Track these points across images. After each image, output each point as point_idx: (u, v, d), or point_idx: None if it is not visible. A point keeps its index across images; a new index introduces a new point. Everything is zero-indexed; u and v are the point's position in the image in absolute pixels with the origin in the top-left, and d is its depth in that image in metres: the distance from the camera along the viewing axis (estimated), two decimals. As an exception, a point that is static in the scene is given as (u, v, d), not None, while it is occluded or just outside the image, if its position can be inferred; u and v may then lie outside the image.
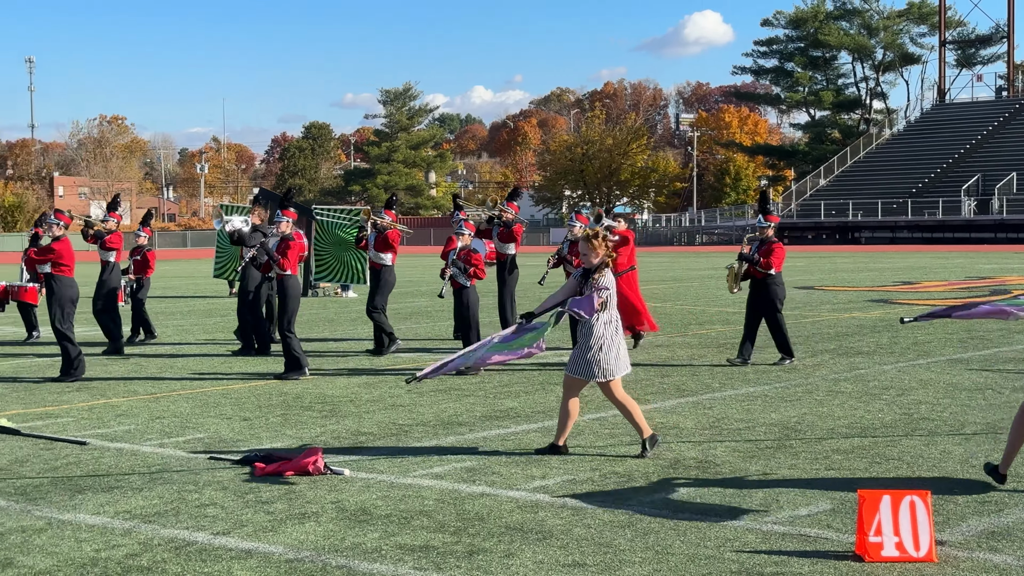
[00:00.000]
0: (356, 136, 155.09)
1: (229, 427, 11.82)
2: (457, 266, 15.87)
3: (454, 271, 15.83)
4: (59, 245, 15.28)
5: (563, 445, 10.28)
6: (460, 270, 15.86)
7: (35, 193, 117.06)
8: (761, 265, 15.68)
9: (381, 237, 18.13)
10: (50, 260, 15.25)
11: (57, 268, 15.24)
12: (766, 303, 15.87)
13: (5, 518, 8.21)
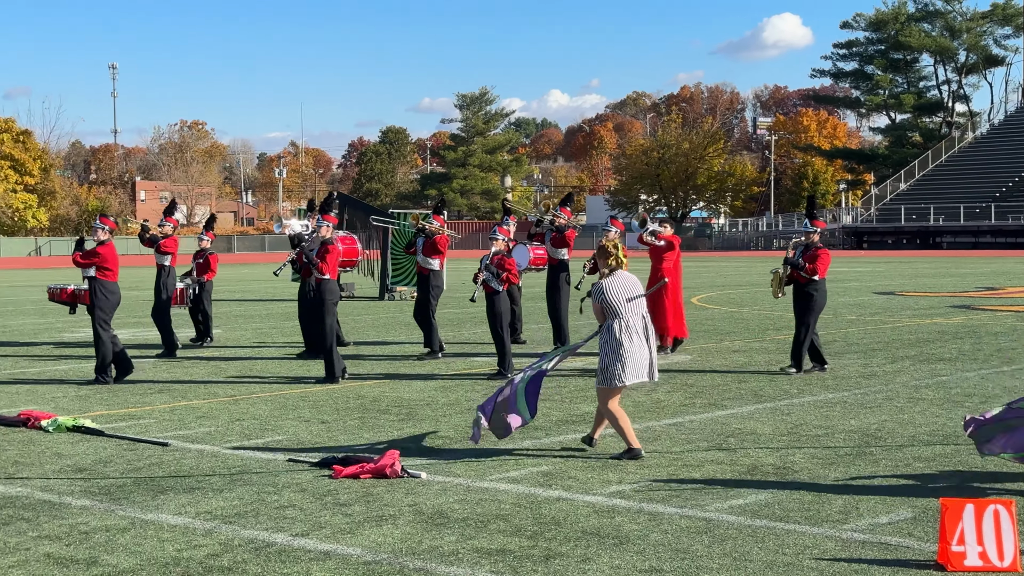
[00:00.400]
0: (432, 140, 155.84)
1: (307, 429, 11.93)
2: (490, 271, 15.88)
3: (487, 276, 15.86)
4: (104, 249, 15.63)
5: (637, 447, 10.27)
6: (493, 275, 15.86)
7: (117, 197, 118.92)
8: (806, 271, 15.48)
9: (429, 242, 18.26)
10: (94, 264, 15.56)
11: (101, 272, 15.55)
12: (803, 309, 15.66)
13: (90, 517, 8.35)
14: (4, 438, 11.44)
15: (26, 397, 14.26)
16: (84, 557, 7.35)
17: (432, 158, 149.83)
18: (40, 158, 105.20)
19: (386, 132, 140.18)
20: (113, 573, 7.03)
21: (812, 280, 15.47)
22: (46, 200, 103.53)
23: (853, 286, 37.12)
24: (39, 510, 8.57)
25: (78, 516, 8.38)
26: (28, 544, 7.66)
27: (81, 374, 16.38)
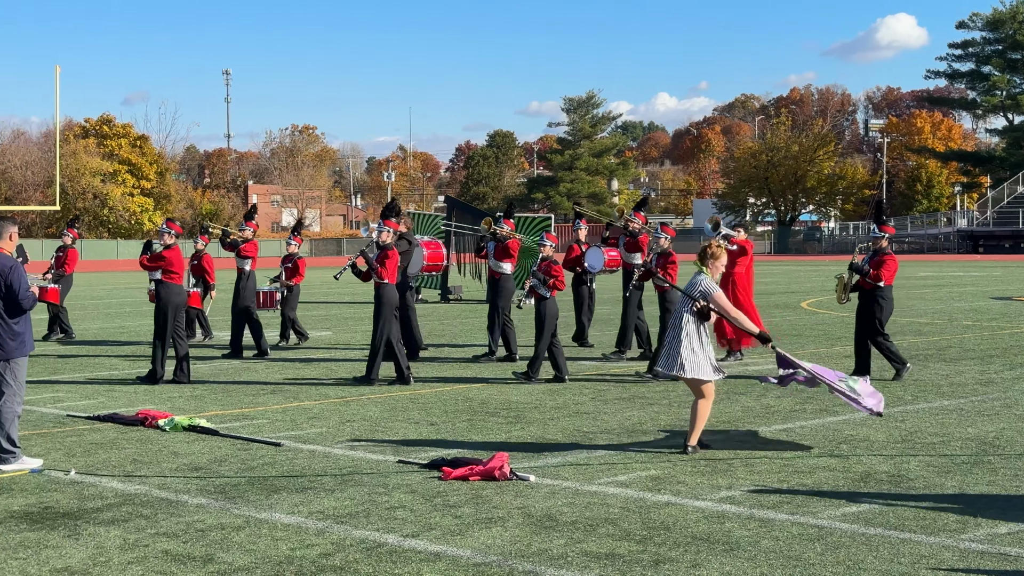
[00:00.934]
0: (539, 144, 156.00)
1: (417, 431, 12.02)
2: (537, 277, 15.82)
3: (534, 282, 15.79)
4: (170, 253, 16.00)
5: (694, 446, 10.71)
6: (540, 281, 15.77)
7: (230, 201, 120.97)
8: (871, 277, 15.18)
9: (501, 246, 18.29)
10: (161, 267, 15.87)
11: (167, 275, 15.88)
12: (869, 317, 15.35)
13: (206, 515, 8.51)
14: (123, 437, 11.71)
15: (143, 397, 14.58)
16: (200, 554, 7.49)
17: (539, 162, 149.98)
18: (156, 162, 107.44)
19: (493, 136, 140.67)
20: (228, 571, 7.16)
21: (877, 286, 15.19)
22: (162, 203, 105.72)
23: (969, 291, 36.37)
24: (157, 507, 8.76)
25: (194, 514, 8.54)
26: (146, 541, 7.82)
27: (196, 375, 16.69)
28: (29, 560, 7.40)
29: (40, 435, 11.84)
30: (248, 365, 17.81)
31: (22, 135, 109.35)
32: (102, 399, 14.37)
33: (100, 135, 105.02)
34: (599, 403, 13.77)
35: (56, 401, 14.22)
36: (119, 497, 9.11)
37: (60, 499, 9.06)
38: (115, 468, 10.20)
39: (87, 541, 7.83)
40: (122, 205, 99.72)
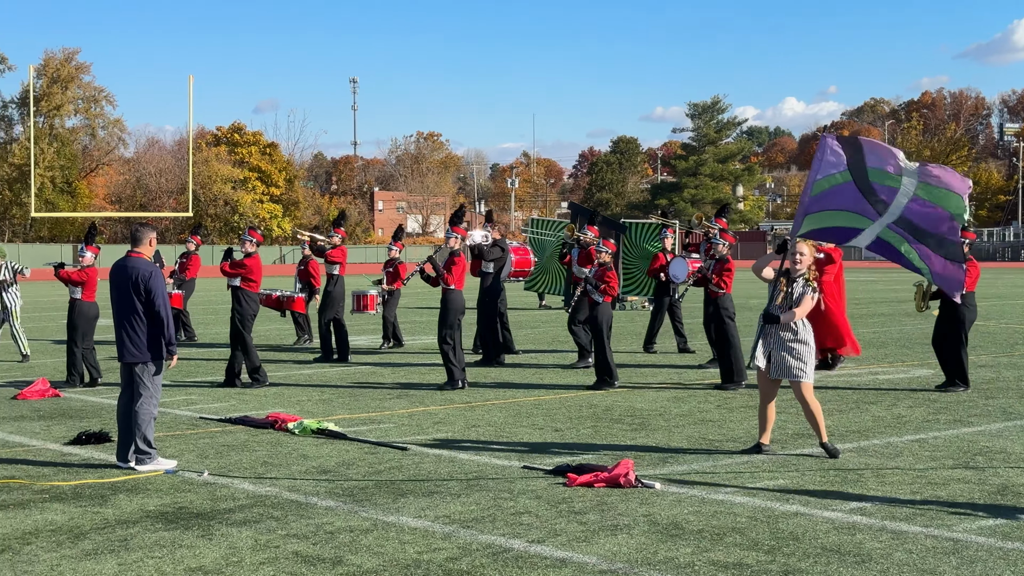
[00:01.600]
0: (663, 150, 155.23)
1: (541, 437, 12.03)
2: (590, 283, 15.79)
3: (588, 288, 15.76)
4: (250, 261, 16.29)
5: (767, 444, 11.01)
6: (593, 287, 15.74)
7: (357, 207, 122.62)
8: None
9: (584, 253, 18.23)
10: (240, 275, 16.12)
11: (246, 283, 16.14)
12: (952, 324, 14.89)
13: (334, 518, 8.63)
14: (253, 439, 11.93)
15: (274, 400, 14.83)
16: (330, 556, 7.59)
17: (663, 168, 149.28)
18: (285, 169, 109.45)
19: (617, 142, 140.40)
20: (357, 573, 7.24)
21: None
22: (290, 210, 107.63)
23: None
24: (287, 509, 8.90)
25: (323, 516, 8.66)
26: (277, 542, 7.96)
27: (324, 379, 16.95)
28: (164, 559, 7.57)
29: (174, 437, 12.12)
30: (375, 370, 18.01)
31: (157, 143, 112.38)
32: (233, 402, 14.65)
33: (231, 143, 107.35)
34: (724, 411, 13.64)
35: (189, 404, 14.54)
36: (251, 498, 9.27)
37: (194, 500, 9.25)
38: (246, 470, 10.39)
39: (220, 541, 7.99)
40: (252, 211, 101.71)
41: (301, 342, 21.95)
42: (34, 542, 8.00)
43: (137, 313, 10.49)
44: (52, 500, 9.26)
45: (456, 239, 16.02)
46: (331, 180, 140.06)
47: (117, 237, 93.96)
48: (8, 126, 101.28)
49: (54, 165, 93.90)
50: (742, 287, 42.66)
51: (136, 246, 10.82)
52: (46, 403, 14.72)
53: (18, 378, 17.21)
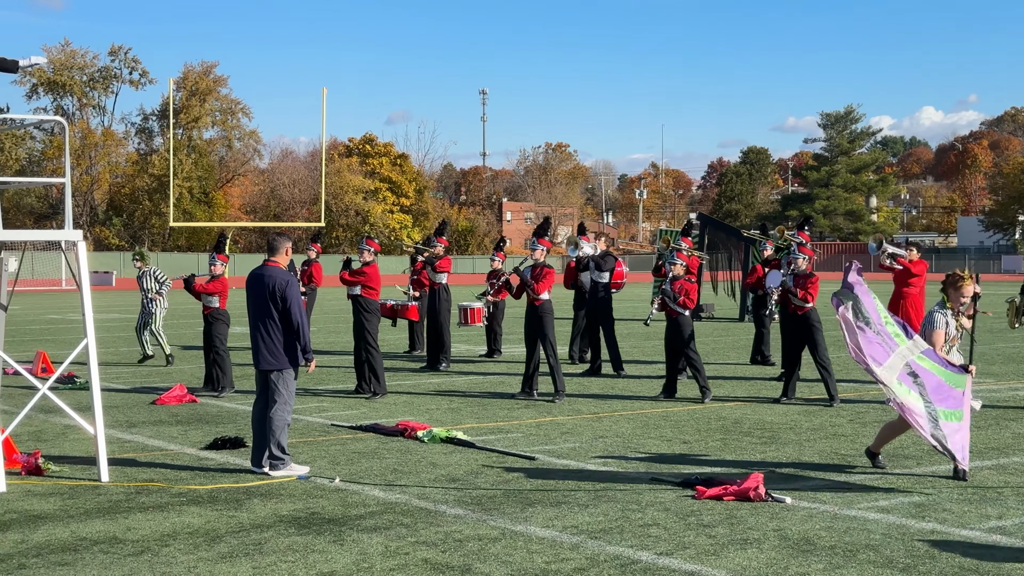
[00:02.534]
0: (794, 160, 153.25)
1: (670, 448, 11.96)
2: (667, 294, 15.69)
3: (665, 299, 15.71)
4: (369, 269, 16.44)
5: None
6: (670, 299, 15.65)
7: (485, 218, 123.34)
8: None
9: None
10: (360, 283, 16.22)
11: (366, 291, 16.28)
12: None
13: (463, 526, 8.68)
14: (383, 447, 12.07)
15: (403, 408, 14.99)
16: (458, 564, 7.65)
17: (794, 178, 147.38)
18: (415, 180, 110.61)
19: (747, 152, 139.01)
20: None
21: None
22: (419, 220, 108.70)
23: None
24: (416, 517, 8.98)
25: (452, 524, 8.73)
26: (407, 549, 8.04)
27: (453, 387, 17.08)
28: (297, 563, 7.70)
29: (307, 443, 12.32)
30: (503, 380, 18.09)
31: (290, 154, 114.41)
32: (364, 409, 14.84)
33: (363, 154, 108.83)
34: (857, 425, 13.41)
35: (321, 411, 14.77)
36: (381, 505, 9.38)
37: (325, 505, 9.40)
38: (377, 477, 10.52)
39: (351, 547, 8.10)
40: (382, 222, 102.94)
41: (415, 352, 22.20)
42: (172, 544, 8.20)
43: (273, 321, 10.70)
44: (189, 503, 9.48)
45: (542, 251, 16.06)
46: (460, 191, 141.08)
47: (251, 246, 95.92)
48: (149, 138, 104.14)
49: (192, 176, 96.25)
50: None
51: (272, 255, 11.03)
52: (183, 408, 15.08)
53: (156, 384, 17.66)
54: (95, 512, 9.19)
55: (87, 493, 9.91)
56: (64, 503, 9.53)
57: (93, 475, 10.55)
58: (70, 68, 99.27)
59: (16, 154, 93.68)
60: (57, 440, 12.64)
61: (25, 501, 9.59)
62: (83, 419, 10.94)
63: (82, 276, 10.81)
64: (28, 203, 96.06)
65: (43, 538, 8.38)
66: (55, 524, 8.80)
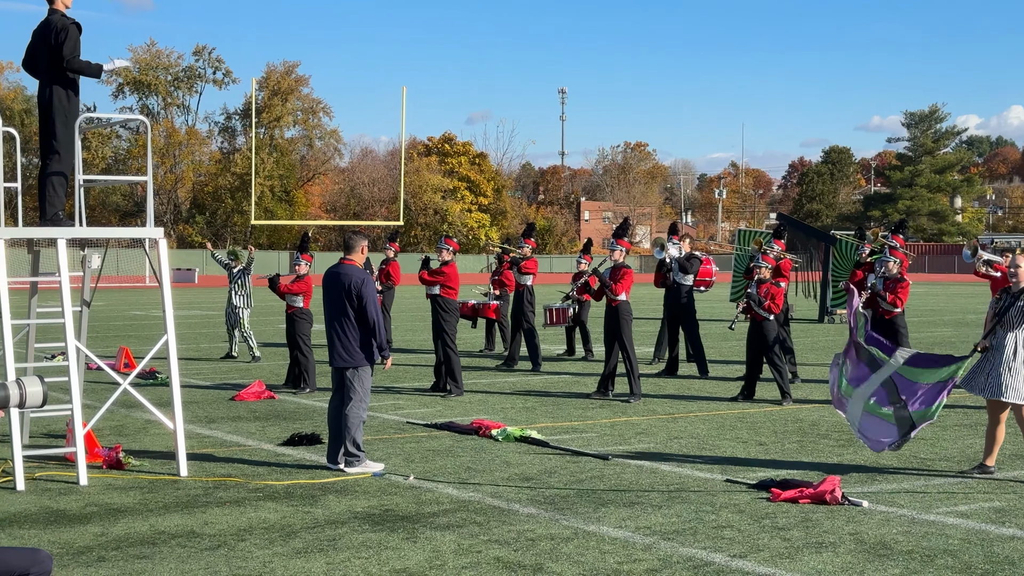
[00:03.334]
0: (877, 160, 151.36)
1: (745, 450, 11.88)
2: (752, 298, 15.52)
3: (751, 303, 15.56)
4: (448, 269, 16.45)
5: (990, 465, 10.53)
6: (756, 303, 15.49)
7: (563, 217, 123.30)
8: None
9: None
10: (439, 283, 16.22)
11: (445, 290, 16.29)
12: None
13: (536, 525, 8.69)
14: (458, 445, 12.11)
15: (478, 407, 15.03)
16: (530, 563, 7.65)
17: (876, 178, 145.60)
18: (493, 179, 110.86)
19: (828, 152, 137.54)
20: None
21: None
22: (498, 219, 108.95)
23: None
24: (489, 515, 9.00)
25: (525, 523, 8.74)
26: (479, 547, 8.06)
27: (528, 387, 17.09)
28: (370, 560, 7.76)
29: (382, 440, 12.40)
30: (578, 379, 18.07)
31: (370, 153, 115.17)
32: (439, 407, 14.91)
33: (441, 153, 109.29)
34: (938, 429, 13.21)
35: (397, 408, 14.86)
36: (454, 503, 9.42)
37: (399, 502, 9.45)
38: (450, 475, 10.56)
39: (424, 544, 8.14)
40: (460, 221, 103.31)
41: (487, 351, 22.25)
42: (248, 539, 8.30)
43: (349, 318, 10.78)
44: (265, 499, 9.59)
45: (621, 251, 15.98)
46: (538, 190, 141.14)
47: (331, 245, 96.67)
48: (231, 137, 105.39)
49: (273, 174, 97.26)
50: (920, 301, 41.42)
51: (349, 253, 11.12)
52: (261, 404, 15.25)
53: (236, 380, 17.88)
54: (173, 506, 9.33)
55: (166, 487, 10.06)
56: (143, 497, 9.68)
57: (172, 470, 10.71)
58: (155, 68, 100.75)
59: (102, 152, 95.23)
60: (138, 435, 12.84)
61: (106, 494, 9.76)
62: (163, 414, 11.11)
63: (163, 273, 10.98)
64: (114, 201, 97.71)
65: (122, 531, 8.52)
66: (134, 518, 8.95)
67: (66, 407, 10.67)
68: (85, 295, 12.19)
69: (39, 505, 9.36)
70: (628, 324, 15.67)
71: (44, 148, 10.98)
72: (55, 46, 10.69)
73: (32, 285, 11.81)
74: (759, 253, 16.72)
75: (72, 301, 10.64)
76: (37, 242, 11.66)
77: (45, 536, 8.37)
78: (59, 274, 10.55)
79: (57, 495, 9.73)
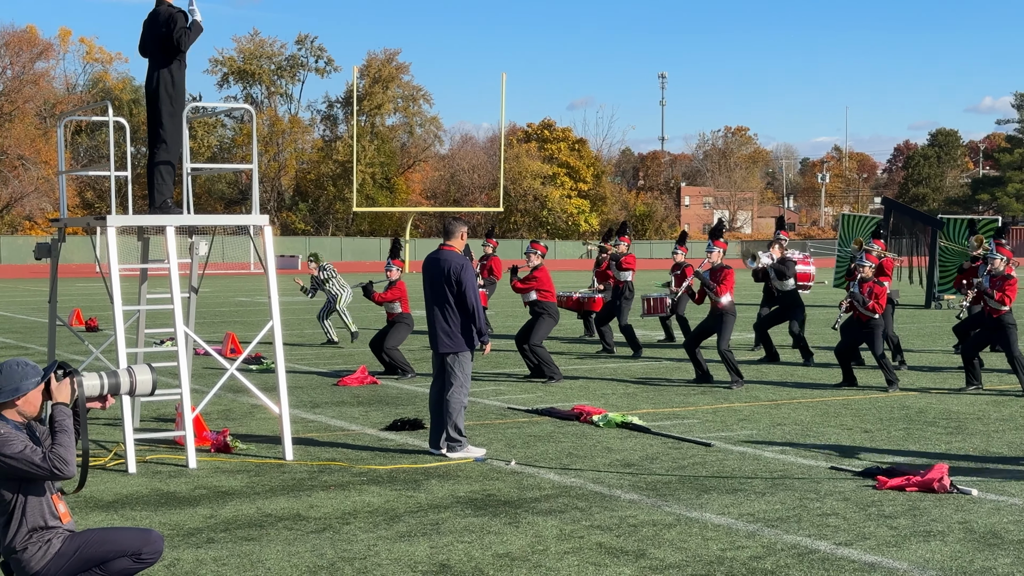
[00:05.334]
0: (986, 143, 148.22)
1: (850, 437, 11.73)
2: (855, 297, 15.30)
3: (855, 303, 15.33)
4: (539, 273, 16.48)
5: None
6: (859, 302, 15.26)
7: (663, 203, 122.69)
8: None
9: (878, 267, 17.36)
10: (533, 288, 16.34)
11: (541, 294, 16.35)
12: None
13: (638, 511, 8.67)
14: (559, 431, 12.13)
15: (579, 393, 15.03)
16: (633, 549, 7.64)
17: (985, 161, 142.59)
18: (593, 165, 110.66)
19: (935, 135, 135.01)
20: (660, 567, 7.26)
21: None
22: (597, 205, 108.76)
23: None
24: (591, 501, 9.01)
25: (627, 509, 8.72)
26: (581, 532, 8.07)
27: (629, 374, 17.05)
28: (473, 544, 7.80)
29: (483, 426, 12.47)
30: (679, 365, 17.98)
31: (470, 140, 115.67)
32: (540, 393, 14.94)
33: (541, 139, 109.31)
34: (1049, 417, 12.94)
35: (498, 394, 14.92)
36: (556, 489, 9.44)
37: (501, 488, 9.49)
38: (552, 460, 10.58)
39: (526, 529, 8.17)
40: (560, 207, 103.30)
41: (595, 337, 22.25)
42: (352, 522, 8.40)
43: (449, 304, 10.84)
44: (369, 483, 9.69)
45: (718, 253, 15.71)
46: (638, 175, 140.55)
47: (432, 231, 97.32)
48: (333, 125, 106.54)
49: (374, 162, 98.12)
50: None
51: (448, 239, 11.17)
52: (364, 390, 15.41)
53: (340, 366, 18.09)
54: (279, 489, 9.47)
55: (272, 471, 10.22)
56: (250, 480, 9.84)
57: (278, 453, 10.88)
58: (259, 57, 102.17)
59: (208, 141, 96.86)
60: (244, 419, 13.06)
61: (214, 478, 9.94)
62: (269, 399, 11.28)
63: (268, 260, 11.14)
64: (219, 189, 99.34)
65: (230, 514, 8.68)
66: (242, 500, 9.10)
67: (175, 392, 10.89)
68: (193, 282, 12.42)
69: (150, 487, 9.57)
70: (730, 324, 15.45)
71: (152, 137, 11.20)
72: (165, 35, 10.92)
73: (142, 272, 12.05)
74: (860, 253, 16.40)
75: (180, 288, 10.84)
76: (147, 230, 11.90)
77: (156, 518, 8.56)
78: (168, 261, 10.75)
79: (167, 478, 9.94)
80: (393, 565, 7.33)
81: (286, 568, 7.29)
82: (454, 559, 7.45)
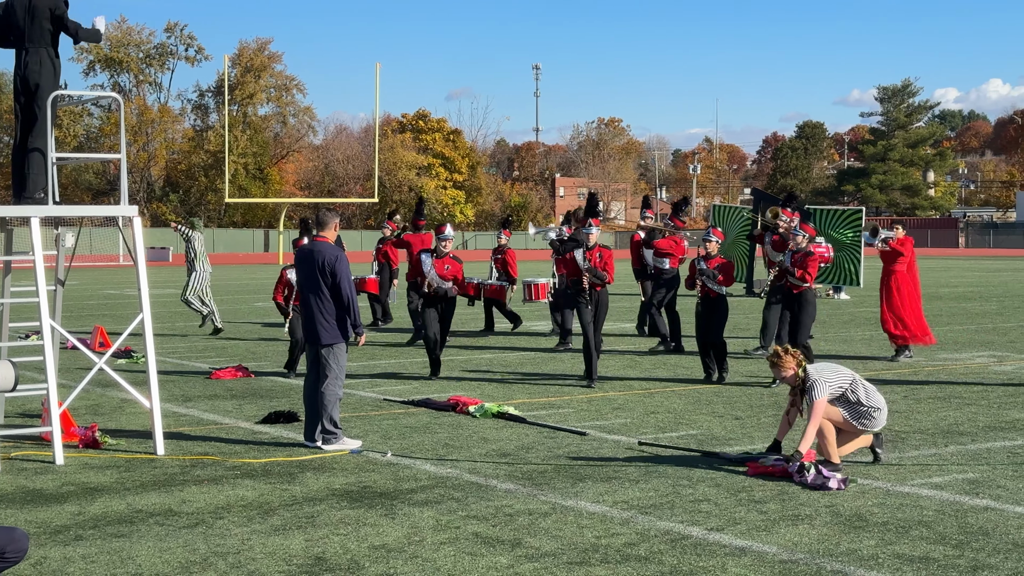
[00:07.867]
0: (850, 135, 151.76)
1: (721, 425, 11.93)
2: (789, 271, 15.52)
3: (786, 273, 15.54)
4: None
5: None
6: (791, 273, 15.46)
7: (538, 194, 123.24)
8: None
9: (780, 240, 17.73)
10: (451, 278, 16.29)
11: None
12: None
13: (514, 500, 8.71)
14: (435, 422, 12.12)
15: (455, 384, 15.04)
16: (509, 538, 7.68)
17: (850, 153, 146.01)
18: (468, 156, 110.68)
19: (802, 127, 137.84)
20: (536, 555, 7.30)
21: None
22: (473, 196, 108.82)
23: None
24: (467, 491, 9.02)
25: (503, 499, 8.76)
26: (458, 523, 8.08)
27: (504, 364, 17.10)
28: (349, 536, 7.77)
29: (359, 417, 12.40)
30: (554, 356, 18.09)
31: (344, 130, 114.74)
32: (416, 384, 14.91)
33: (416, 129, 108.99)
34: (911, 402, 13.31)
35: (374, 386, 14.86)
36: (432, 479, 9.44)
37: (377, 479, 9.46)
38: (428, 451, 10.57)
39: (402, 520, 8.15)
40: (435, 197, 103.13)
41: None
42: (226, 516, 8.30)
43: (323, 295, 10.76)
44: (243, 476, 9.58)
45: (596, 232, 15.51)
46: (513, 166, 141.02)
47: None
48: (204, 114, 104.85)
49: (247, 152, 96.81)
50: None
51: (321, 230, 11.09)
52: (238, 383, 15.22)
53: (212, 359, 17.83)
54: (151, 485, 9.32)
55: (143, 466, 10.04)
56: (120, 476, 9.66)
57: (149, 448, 10.69)
58: (126, 45, 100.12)
59: (74, 131, 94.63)
60: (114, 414, 12.81)
61: (82, 474, 9.73)
62: (139, 393, 11.07)
63: (138, 251, 10.93)
64: (86, 179, 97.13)
65: (100, 510, 8.51)
66: (111, 496, 8.93)
67: (41, 386, 10.63)
68: (59, 274, 12.12)
69: (15, 485, 9.34)
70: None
71: (25, 124, 10.85)
72: (53, 18, 10.56)
73: (5, 264, 11.72)
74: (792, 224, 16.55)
75: (46, 280, 10.58)
76: (10, 221, 11.58)
77: (21, 515, 8.35)
78: (33, 253, 10.48)
79: (33, 475, 9.71)
80: (268, 559, 7.26)
81: (157, 564, 7.17)
82: (330, 552, 7.41)
